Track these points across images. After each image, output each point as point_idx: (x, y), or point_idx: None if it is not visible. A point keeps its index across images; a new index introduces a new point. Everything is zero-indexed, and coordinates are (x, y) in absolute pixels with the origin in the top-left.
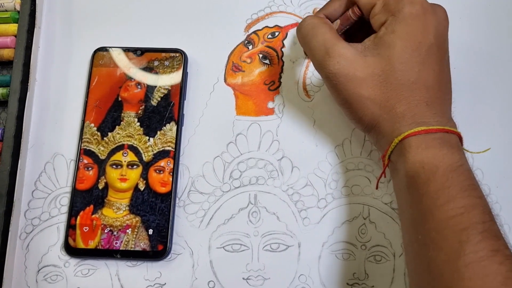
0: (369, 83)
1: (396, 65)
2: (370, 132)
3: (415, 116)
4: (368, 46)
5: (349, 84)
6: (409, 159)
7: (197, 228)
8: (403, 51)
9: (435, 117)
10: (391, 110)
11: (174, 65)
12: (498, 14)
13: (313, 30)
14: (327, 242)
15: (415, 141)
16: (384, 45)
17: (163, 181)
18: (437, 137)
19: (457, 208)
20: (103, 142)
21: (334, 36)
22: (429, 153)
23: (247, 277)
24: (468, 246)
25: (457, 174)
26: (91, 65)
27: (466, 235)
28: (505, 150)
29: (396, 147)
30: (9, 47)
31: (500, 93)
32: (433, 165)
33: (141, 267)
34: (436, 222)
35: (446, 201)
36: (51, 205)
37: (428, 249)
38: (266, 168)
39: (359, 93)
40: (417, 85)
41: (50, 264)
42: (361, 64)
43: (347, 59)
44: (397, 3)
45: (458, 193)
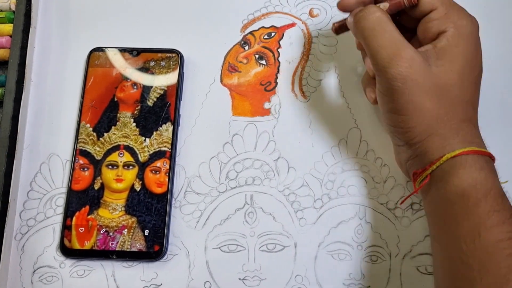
0: (433, 93)
1: (458, 82)
2: (413, 146)
3: (466, 136)
4: (430, 55)
5: (414, 91)
6: (461, 177)
7: (193, 229)
8: (464, 69)
9: (479, 140)
10: (447, 125)
11: (170, 65)
12: (496, 13)
13: (381, 25)
14: (323, 242)
15: (469, 160)
16: (448, 58)
17: (159, 181)
18: (486, 160)
19: (505, 232)
20: (99, 143)
21: (399, 38)
22: (482, 174)
23: (243, 278)
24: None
25: (506, 200)
26: (87, 65)
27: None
28: (503, 151)
29: (443, 163)
30: (5, 47)
31: (495, 92)
32: (486, 187)
33: (137, 267)
34: (483, 243)
35: (496, 223)
36: (46, 206)
37: (472, 271)
38: (262, 169)
39: (421, 101)
40: (469, 106)
41: (45, 265)
42: (427, 72)
43: (418, 64)
44: (460, 17)
45: (508, 218)
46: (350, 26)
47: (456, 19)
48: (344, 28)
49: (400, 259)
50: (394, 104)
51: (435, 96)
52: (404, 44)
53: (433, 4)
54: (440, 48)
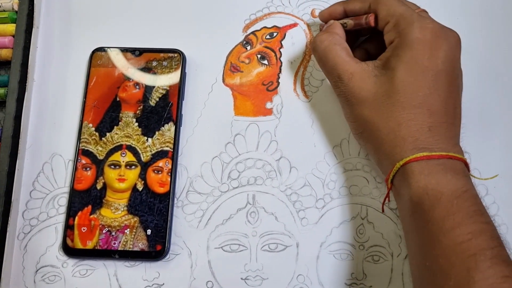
0: (371, 103)
1: (399, 88)
2: (371, 152)
3: (417, 141)
4: (377, 65)
5: (355, 103)
6: (412, 185)
7: (195, 229)
8: (407, 75)
9: (438, 143)
10: (391, 132)
11: (172, 65)
12: (494, 14)
13: (325, 54)
14: (325, 242)
15: (417, 167)
16: (390, 66)
17: (161, 181)
18: (440, 163)
19: (463, 235)
20: (101, 143)
21: (345, 58)
22: (433, 180)
23: (245, 277)
24: (477, 273)
25: (462, 200)
26: (89, 65)
27: (474, 262)
28: (502, 150)
29: (398, 171)
30: (7, 47)
31: (493, 91)
32: (437, 191)
33: (139, 267)
34: (443, 248)
35: (452, 227)
36: (49, 206)
37: (436, 276)
38: (264, 169)
39: (361, 111)
40: (420, 110)
41: (48, 264)
42: (368, 84)
43: (355, 80)
44: (407, 25)
45: (464, 219)
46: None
47: (402, 28)
48: None
49: (402, 259)
50: (345, 113)
51: (375, 105)
52: (344, 65)
53: (386, 18)
54: (384, 58)
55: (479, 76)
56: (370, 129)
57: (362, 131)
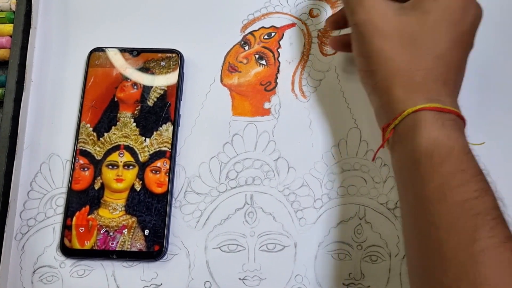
0: (395, 40)
1: (428, 32)
2: (378, 94)
3: (431, 91)
4: (405, 6)
5: (375, 35)
6: (423, 135)
7: (193, 229)
8: (439, 22)
9: (448, 98)
10: (408, 76)
11: (170, 65)
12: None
13: None
14: (323, 242)
15: (430, 117)
16: (423, 9)
17: (159, 181)
18: (451, 118)
19: (471, 192)
20: (99, 143)
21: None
22: (445, 132)
23: (243, 278)
24: (483, 231)
25: (471, 158)
26: (87, 65)
27: (481, 220)
28: (501, 149)
29: (405, 118)
30: (5, 47)
31: (495, 92)
32: (448, 146)
33: (137, 267)
34: (449, 204)
35: (460, 183)
36: (46, 206)
37: (438, 231)
38: (262, 169)
39: (381, 46)
40: (440, 61)
41: (45, 265)
42: (392, 20)
43: (378, 11)
44: None
45: (473, 177)
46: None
47: None
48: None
49: (400, 259)
50: (359, 47)
51: (398, 43)
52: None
53: None
54: (418, 0)
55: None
56: (387, 67)
57: (377, 69)
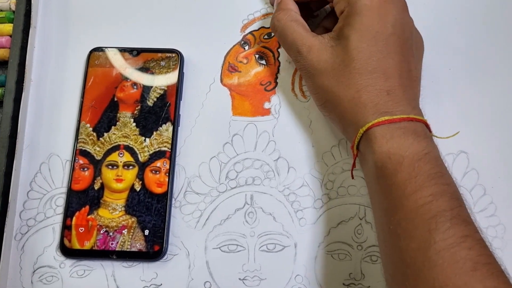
0: (330, 73)
1: (354, 55)
2: (334, 121)
3: (377, 106)
4: (332, 36)
5: (315, 74)
6: (376, 150)
7: (193, 229)
8: (359, 41)
9: (397, 106)
10: (352, 99)
11: (170, 65)
12: (494, 15)
13: (284, 31)
14: (323, 242)
15: (379, 132)
16: (343, 36)
17: (159, 181)
18: (401, 126)
19: (425, 197)
20: (99, 143)
21: (301, 32)
22: (394, 143)
23: (243, 278)
24: (438, 234)
25: (424, 163)
26: (86, 65)
27: (435, 223)
28: (499, 151)
29: (362, 137)
30: (5, 47)
31: (494, 93)
32: (399, 155)
33: (137, 267)
34: (405, 211)
35: (414, 190)
36: (46, 206)
37: (399, 239)
38: (263, 169)
39: (321, 82)
40: (376, 74)
41: (45, 265)
42: (326, 55)
43: (313, 52)
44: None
45: (425, 182)
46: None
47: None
48: None
49: None
50: (308, 87)
51: (333, 74)
52: (302, 40)
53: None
54: (338, 29)
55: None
56: (331, 98)
57: (325, 102)
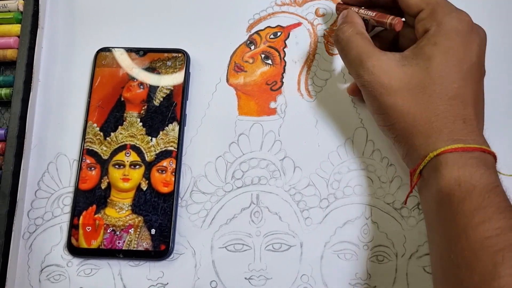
0: (405, 93)
1: (435, 78)
2: (401, 143)
3: (452, 133)
4: (407, 55)
5: (384, 93)
6: (445, 176)
7: (199, 228)
8: (444, 65)
9: (471, 135)
10: (427, 123)
11: (176, 65)
12: (494, 14)
13: (348, 44)
14: (329, 242)
15: (451, 158)
16: (424, 56)
17: (165, 181)
18: (474, 156)
19: (493, 229)
20: (106, 142)
21: (367, 47)
22: (466, 172)
23: (249, 277)
24: (504, 269)
25: (494, 195)
26: (93, 65)
27: (501, 257)
28: (501, 151)
29: (429, 162)
30: (12, 47)
31: (497, 94)
32: (470, 184)
33: (143, 266)
34: (470, 242)
35: (481, 221)
36: (54, 205)
37: (460, 270)
38: (268, 168)
39: (393, 102)
40: (455, 101)
41: (53, 263)
42: (397, 73)
43: (381, 68)
44: (444, 14)
45: (494, 214)
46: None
47: (441, 17)
48: None
49: (407, 259)
50: (373, 107)
51: (409, 95)
52: (367, 54)
53: (419, 6)
54: (418, 47)
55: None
56: (404, 120)
57: (394, 123)
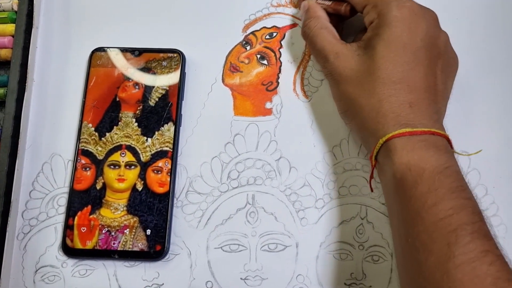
0: (354, 81)
1: (380, 64)
2: (356, 130)
3: (399, 117)
4: (359, 45)
5: (340, 81)
6: (395, 161)
7: (195, 229)
8: (386, 51)
9: (419, 119)
10: (373, 109)
11: (172, 65)
12: (496, 14)
13: (314, 38)
14: (324, 242)
15: (400, 143)
16: (370, 45)
17: (161, 181)
18: (422, 139)
19: (445, 210)
20: (101, 143)
21: (331, 40)
22: (415, 155)
23: (245, 277)
24: (458, 248)
25: (444, 176)
26: (89, 65)
27: (455, 237)
28: (501, 150)
29: (381, 147)
30: (7, 47)
31: (496, 92)
32: (419, 167)
33: (139, 267)
34: (425, 224)
35: (434, 203)
36: (48, 206)
37: (418, 252)
38: (264, 169)
39: (345, 89)
40: (400, 85)
41: (47, 264)
42: (351, 62)
43: (340, 59)
44: (385, 5)
45: (446, 195)
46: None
47: (381, 8)
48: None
49: None
50: (332, 93)
51: (358, 82)
52: (331, 46)
53: (363, 2)
54: (366, 38)
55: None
56: (353, 106)
57: (347, 109)
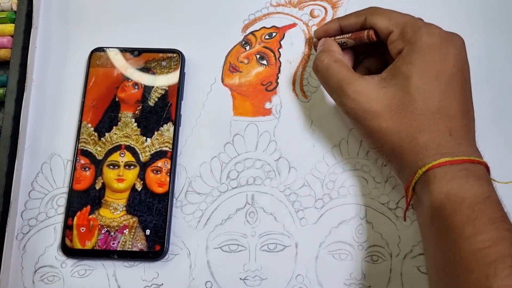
0: (387, 114)
1: (415, 95)
2: (393, 163)
3: (439, 147)
4: (385, 77)
5: (367, 117)
6: (434, 191)
7: (194, 229)
8: (422, 81)
9: (459, 148)
10: (412, 140)
11: (171, 65)
12: (494, 14)
13: (327, 72)
14: (324, 242)
15: (440, 173)
16: (402, 75)
17: (160, 181)
18: (462, 168)
19: (484, 241)
20: (100, 143)
21: (346, 73)
22: (455, 185)
23: (244, 278)
24: (496, 281)
25: (485, 206)
26: (88, 65)
27: (494, 269)
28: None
29: (420, 178)
30: (6, 47)
31: (496, 92)
32: (459, 197)
33: (138, 267)
34: (462, 255)
35: (472, 233)
36: (48, 206)
37: (455, 283)
38: (263, 169)
39: (378, 125)
40: (439, 115)
41: (47, 264)
42: (378, 96)
43: (362, 94)
44: (414, 32)
45: (485, 226)
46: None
47: (410, 36)
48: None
49: (401, 259)
50: (361, 131)
51: (391, 116)
52: (348, 81)
53: (389, 28)
54: (395, 67)
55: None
56: (390, 141)
57: (382, 145)
